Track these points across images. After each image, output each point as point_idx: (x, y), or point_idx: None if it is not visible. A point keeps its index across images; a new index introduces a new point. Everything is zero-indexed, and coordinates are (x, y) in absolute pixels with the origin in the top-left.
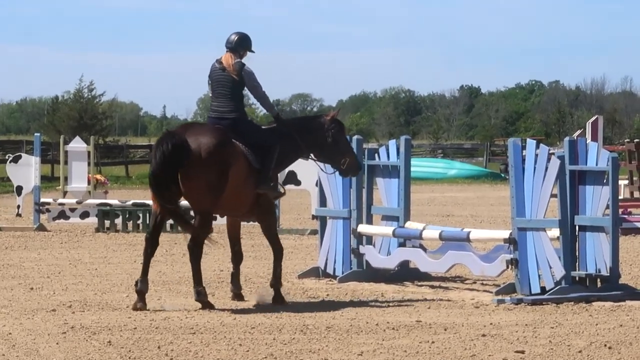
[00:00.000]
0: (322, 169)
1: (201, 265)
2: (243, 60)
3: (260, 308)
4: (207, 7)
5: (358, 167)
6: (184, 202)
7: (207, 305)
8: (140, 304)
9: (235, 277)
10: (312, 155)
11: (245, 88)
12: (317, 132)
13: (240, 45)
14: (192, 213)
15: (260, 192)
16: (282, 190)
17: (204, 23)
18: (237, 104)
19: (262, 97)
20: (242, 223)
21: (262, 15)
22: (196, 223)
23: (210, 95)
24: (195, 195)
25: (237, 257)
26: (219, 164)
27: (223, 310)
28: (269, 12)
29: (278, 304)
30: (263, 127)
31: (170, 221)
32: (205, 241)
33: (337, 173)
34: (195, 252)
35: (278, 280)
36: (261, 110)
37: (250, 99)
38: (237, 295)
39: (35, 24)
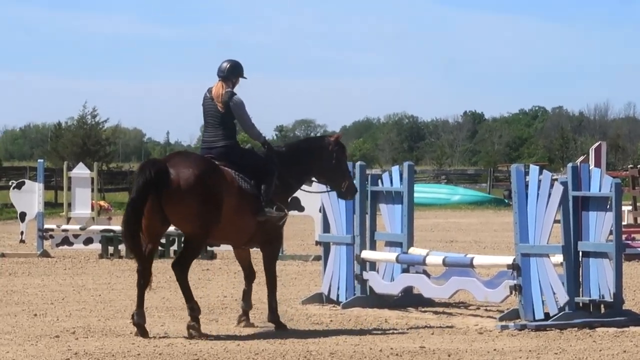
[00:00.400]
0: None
1: (190, 285)
2: (236, 89)
3: (263, 334)
4: (209, 34)
5: (356, 190)
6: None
7: (195, 321)
8: (141, 336)
9: (247, 294)
10: (314, 177)
11: None
12: (322, 154)
13: (232, 73)
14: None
15: (261, 219)
16: (284, 212)
17: (207, 50)
18: (227, 132)
19: (249, 127)
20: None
21: (265, 42)
22: (184, 246)
23: (204, 123)
24: (180, 223)
25: (249, 276)
26: (199, 192)
27: (227, 336)
28: (272, 39)
29: (280, 329)
30: (258, 153)
31: (173, 247)
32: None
33: (334, 196)
34: (181, 274)
35: (275, 314)
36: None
37: None
38: (245, 313)
39: (37, 50)
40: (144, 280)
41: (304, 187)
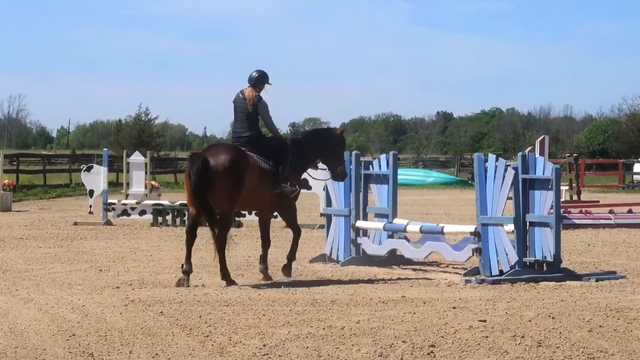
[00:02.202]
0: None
1: (226, 254)
2: (262, 92)
3: (279, 286)
4: (235, 49)
5: (346, 174)
6: None
7: (230, 284)
8: (186, 282)
9: (263, 257)
10: (320, 159)
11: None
12: (329, 142)
13: (259, 81)
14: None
15: (278, 192)
16: (296, 188)
17: (234, 62)
18: (252, 125)
19: (269, 124)
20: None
21: (281, 56)
22: (220, 220)
23: (234, 117)
24: (217, 200)
25: (266, 244)
26: (232, 175)
27: (250, 287)
28: (293, 54)
29: (285, 273)
30: (278, 139)
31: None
32: (228, 236)
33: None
34: (222, 246)
35: (292, 254)
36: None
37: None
38: (264, 272)
39: (103, 62)
40: (191, 240)
41: (312, 174)
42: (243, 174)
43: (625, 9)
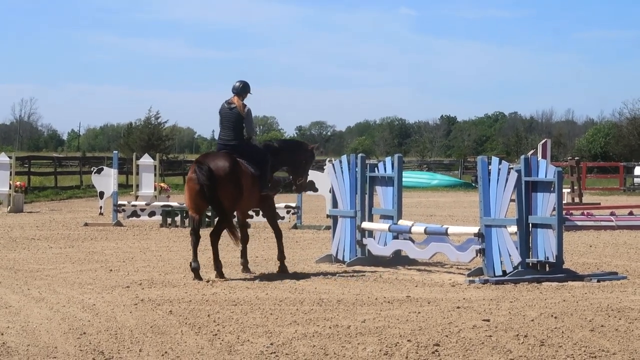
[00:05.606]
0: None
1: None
2: (245, 101)
3: (286, 287)
4: (243, 55)
5: (304, 189)
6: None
7: (219, 276)
8: (197, 279)
9: (243, 252)
10: (287, 166)
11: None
12: (299, 154)
13: (243, 90)
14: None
15: (264, 194)
16: (277, 190)
17: (241, 68)
18: (238, 133)
19: (252, 129)
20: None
21: (288, 62)
22: (218, 220)
23: (219, 126)
24: (219, 202)
25: (245, 239)
26: (232, 179)
27: (258, 287)
28: (295, 60)
29: (283, 272)
30: (258, 146)
31: (207, 220)
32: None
33: (341, 179)
34: (215, 240)
35: (282, 254)
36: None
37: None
38: (245, 265)
39: (114, 67)
40: (196, 240)
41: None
42: (240, 178)
43: (626, 18)
